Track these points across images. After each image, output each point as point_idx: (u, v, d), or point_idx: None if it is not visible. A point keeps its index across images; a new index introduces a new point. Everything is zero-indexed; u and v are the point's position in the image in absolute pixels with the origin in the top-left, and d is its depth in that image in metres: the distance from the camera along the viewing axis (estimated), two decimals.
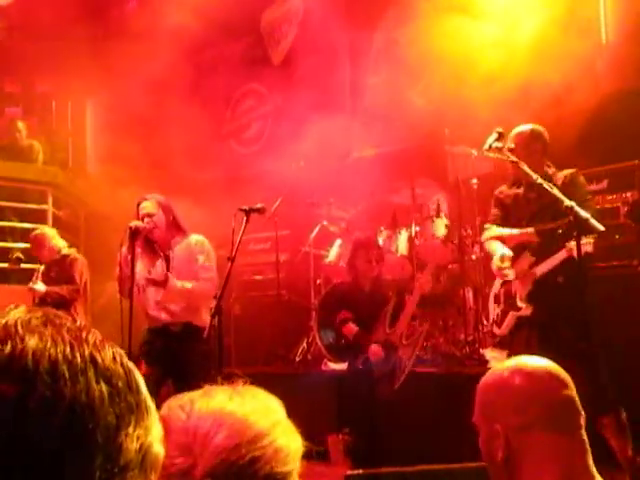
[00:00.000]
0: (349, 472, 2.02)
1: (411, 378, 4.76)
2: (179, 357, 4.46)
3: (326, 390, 5.43)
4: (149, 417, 0.68)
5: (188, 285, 4.43)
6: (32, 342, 0.63)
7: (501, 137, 3.76)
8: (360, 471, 1.97)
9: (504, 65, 5.71)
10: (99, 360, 0.65)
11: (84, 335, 0.67)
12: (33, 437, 0.60)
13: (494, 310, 4.41)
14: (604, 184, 5.08)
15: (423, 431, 4.76)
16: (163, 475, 0.92)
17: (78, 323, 0.69)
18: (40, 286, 5.87)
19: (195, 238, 4.59)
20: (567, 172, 4.16)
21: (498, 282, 4.41)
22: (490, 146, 3.80)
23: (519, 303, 4.17)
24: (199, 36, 7.62)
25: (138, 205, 4.51)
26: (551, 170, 4.20)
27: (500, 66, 5.72)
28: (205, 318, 4.33)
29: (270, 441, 0.97)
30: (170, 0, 8.14)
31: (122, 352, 0.69)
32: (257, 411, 1.00)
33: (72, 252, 6.23)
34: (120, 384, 0.66)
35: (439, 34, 6.03)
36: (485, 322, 5.37)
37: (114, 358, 0.67)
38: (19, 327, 0.65)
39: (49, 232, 6.29)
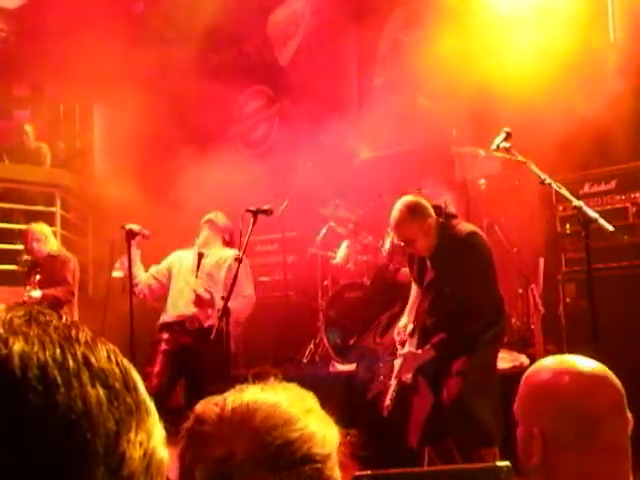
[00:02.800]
0: (357, 473, 2.00)
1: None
2: (194, 356, 4.50)
3: (334, 391, 5.42)
4: (150, 419, 0.63)
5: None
6: (17, 346, 0.56)
7: (509, 137, 3.74)
8: (368, 472, 1.96)
9: (511, 65, 5.70)
10: (93, 361, 0.59)
11: (74, 334, 0.60)
12: (24, 453, 0.54)
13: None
14: (612, 184, 5.06)
15: None
16: (203, 464, 0.96)
17: (65, 319, 0.62)
18: (36, 293, 5.73)
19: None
20: (467, 229, 3.80)
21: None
22: (498, 146, 3.78)
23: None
24: (207, 38, 7.63)
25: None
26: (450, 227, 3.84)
27: (507, 66, 5.70)
28: (214, 321, 4.37)
29: (304, 425, 0.98)
30: (177, 3, 8.17)
31: (116, 349, 0.63)
32: (289, 399, 1.02)
33: (62, 252, 6.15)
34: (117, 385, 0.60)
35: (445, 35, 6.02)
36: None
37: (108, 357, 0.61)
38: (0, 329, 0.58)
39: (43, 229, 6.11)
